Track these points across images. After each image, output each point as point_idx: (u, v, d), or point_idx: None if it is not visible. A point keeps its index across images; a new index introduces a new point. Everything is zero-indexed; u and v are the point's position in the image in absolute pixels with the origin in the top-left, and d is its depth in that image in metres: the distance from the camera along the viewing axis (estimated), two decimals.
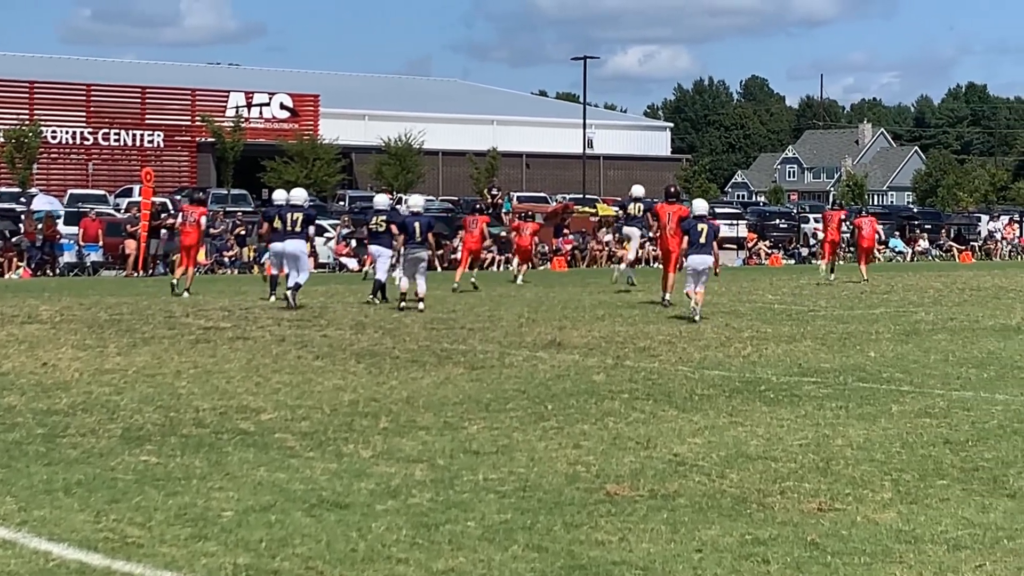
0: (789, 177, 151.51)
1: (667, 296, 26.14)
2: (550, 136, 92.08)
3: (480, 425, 12.07)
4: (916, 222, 68.90)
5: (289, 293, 25.28)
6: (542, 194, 71.29)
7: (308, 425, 12.04)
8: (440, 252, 38.05)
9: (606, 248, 53.64)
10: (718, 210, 62.06)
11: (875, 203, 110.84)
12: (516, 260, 38.63)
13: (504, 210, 58.85)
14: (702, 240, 23.47)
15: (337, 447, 10.99)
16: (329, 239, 45.29)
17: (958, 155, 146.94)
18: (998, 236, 66.63)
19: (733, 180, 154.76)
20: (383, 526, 8.36)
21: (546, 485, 9.59)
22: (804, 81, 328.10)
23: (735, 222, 60.64)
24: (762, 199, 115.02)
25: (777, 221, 65.58)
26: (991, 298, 30.28)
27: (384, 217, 27.80)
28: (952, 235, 66.44)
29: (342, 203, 64.30)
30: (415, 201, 27.17)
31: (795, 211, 73.39)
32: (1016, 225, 69.30)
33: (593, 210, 58.36)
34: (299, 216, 26.15)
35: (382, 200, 30.32)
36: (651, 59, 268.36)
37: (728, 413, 12.88)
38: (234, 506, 8.87)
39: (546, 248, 48.33)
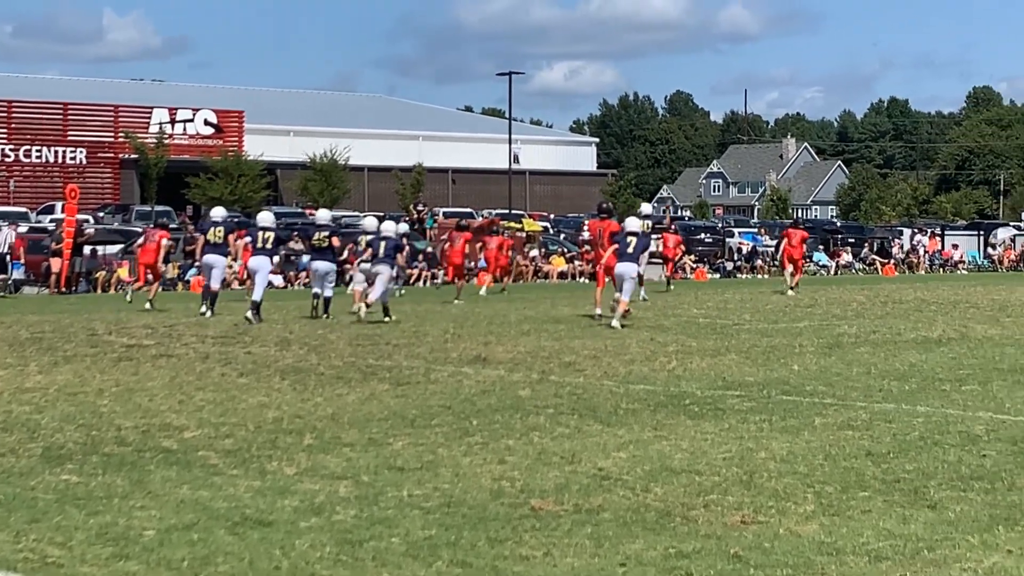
0: (714, 192, 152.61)
1: (599, 311, 26.30)
2: (476, 152, 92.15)
3: (405, 441, 12.04)
4: (839, 236, 69.62)
5: (250, 313, 25.52)
6: (468, 210, 71.34)
7: (232, 443, 11.95)
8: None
9: (532, 264, 53.79)
10: None
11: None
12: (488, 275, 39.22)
13: (428, 225, 58.92)
14: (630, 251, 25.02)
15: (261, 464, 10.91)
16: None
17: (881, 169, 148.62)
18: (920, 250, 67.44)
19: (659, 195, 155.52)
20: (307, 543, 8.31)
21: (471, 501, 9.57)
22: (728, 96, 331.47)
23: (659, 236, 60.80)
24: (687, 214, 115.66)
25: (702, 235, 65.95)
26: (913, 311, 30.58)
27: (326, 233, 27.72)
28: (875, 249, 67.16)
29: None
30: (387, 227, 27.69)
31: (720, 225, 73.86)
32: (938, 239, 70.15)
33: (519, 225, 58.44)
34: (270, 235, 26.87)
35: (324, 215, 30.42)
36: (577, 75, 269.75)
37: (653, 427, 12.90)
38: (156, 525, 8.79)
39: (472, 263, 48.42)
